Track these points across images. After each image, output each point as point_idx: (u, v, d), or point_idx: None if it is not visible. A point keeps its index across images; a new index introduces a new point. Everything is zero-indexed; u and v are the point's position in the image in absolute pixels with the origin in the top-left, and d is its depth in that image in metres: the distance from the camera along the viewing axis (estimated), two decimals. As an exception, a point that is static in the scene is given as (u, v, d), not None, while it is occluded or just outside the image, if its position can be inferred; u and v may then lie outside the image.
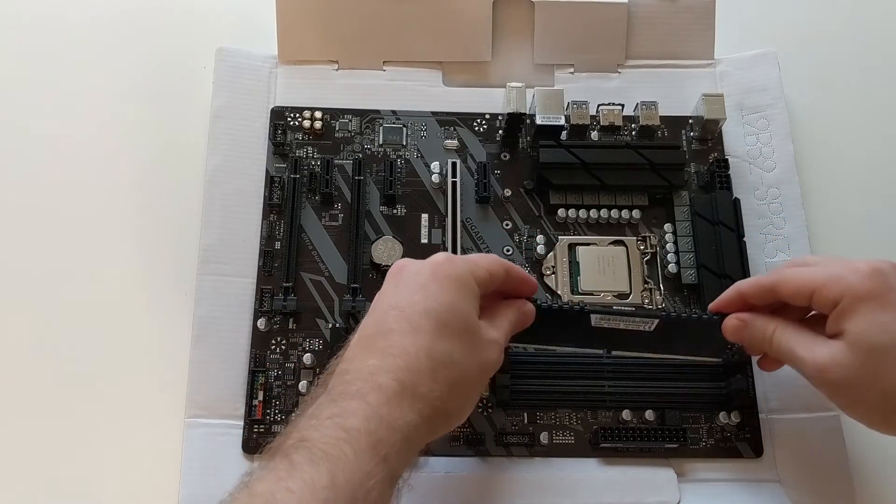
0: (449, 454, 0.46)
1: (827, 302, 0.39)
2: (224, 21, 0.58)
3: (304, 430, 0.34)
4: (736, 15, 0.59)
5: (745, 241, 0.50)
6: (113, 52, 0.56)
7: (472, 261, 0.40)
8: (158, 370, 0.48)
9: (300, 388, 0.47)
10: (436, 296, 0.38)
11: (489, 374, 0.40)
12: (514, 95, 0.51)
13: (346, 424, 0.33)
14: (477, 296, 0.39)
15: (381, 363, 0.35)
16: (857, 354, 0.37)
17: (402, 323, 0.37)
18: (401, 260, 0.41)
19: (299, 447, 0.33)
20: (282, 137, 0.52)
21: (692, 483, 0.46)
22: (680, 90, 0.55)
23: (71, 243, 0.51)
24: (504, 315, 0.41)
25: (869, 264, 0.39)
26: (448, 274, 0.38)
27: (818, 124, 0.57)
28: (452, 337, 0.37)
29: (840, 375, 0.38)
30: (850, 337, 0.38)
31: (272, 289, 0.49)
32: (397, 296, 0.38)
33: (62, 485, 0.46)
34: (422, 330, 0.36)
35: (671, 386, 0.47)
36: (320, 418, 0.34)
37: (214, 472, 0.45)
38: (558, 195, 0.52)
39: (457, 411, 0.38)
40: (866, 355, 0.37)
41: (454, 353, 0.37)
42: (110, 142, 0.54)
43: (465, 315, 0.38)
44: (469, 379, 0.38)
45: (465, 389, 0.38)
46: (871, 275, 0.38)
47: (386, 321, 0.37)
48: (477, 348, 0.38)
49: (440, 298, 0.37)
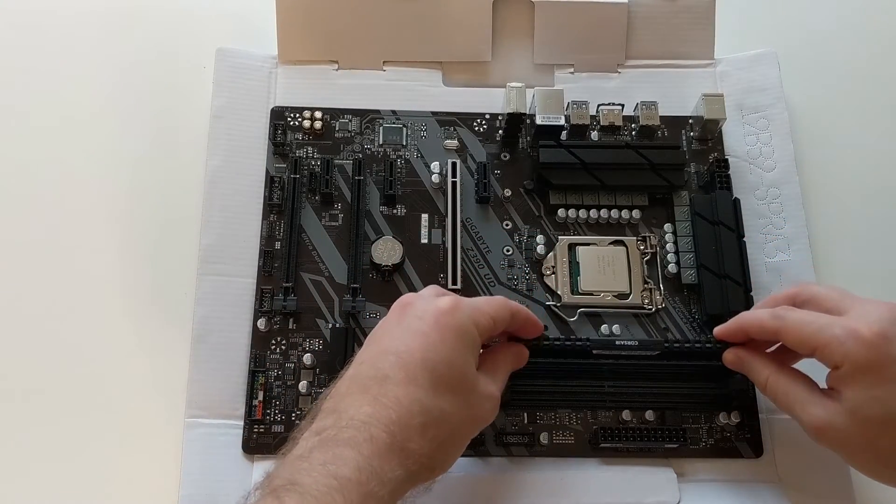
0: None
1: (828, 362, 0.39)
2: (224, 21, 0.58)
3: (294, 472, 0.33)
4: (736, 15, 0.59)
5: (744, 241, 0.50)
6: (113, 52, 0.56)
7: (476, 308, 0.40)
8: (158, 370, 0.48)
9: (300, 388, 0.47)
10: (435, 346, 0.37)
11: (480, 428, 0.40)
12: (514, 95, 0.51)
13: (338, 473, 0.33)
14: (478, 346, 0.39)
15: (373, 412, 0.35)
16: (852, 423, 0.38)
17: (399, 371, 0.36)
18: (408, 295, 0.41)
19: (291, 490, 0.32)
20: (282, 137, 0.52)
21: (692, 483, 0.46)
22: (680, 90, 0.55)
23: (71, 243, 0.51)
24: (502, 364, 0.42)
25: (872, 330, 0.38)
26: (450, 324, 0.38)
27: (818, 124, 0.57)
28: (447, 392, 0.37)
29: (834, 438, 0.39)
30: (846, 404, 0.38)
31: (272, 289, 0.49)
32: (398, 340, 0.38)
33: (62, 485, 0.46)
34: (417, 382, 0.36)
35: (671, 386, 0.47)
36: (312, 462, 0.34)
37: (214, 472, 0.45)
38: (558, 195, 0.52)
39: (441, 464, 0.38)
40: (861, 425, 0.38)
41: (447, 408, 0.37)
42: (110, 142, 0.54)
43: (461, 369, 0.38)
44: (459, 435, 0.38)
45: (453, 444, 0.38)
46: (872, 345, 0.37)
47: (383, 365, 0.37)
48: (470, 403, 0.38)
49: (439, 350, 0.37)
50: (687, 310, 0.50)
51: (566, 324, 0.49)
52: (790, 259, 0.51)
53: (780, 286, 0.50)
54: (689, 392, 0.47)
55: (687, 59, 0.56)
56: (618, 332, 0.49)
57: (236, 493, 0.44)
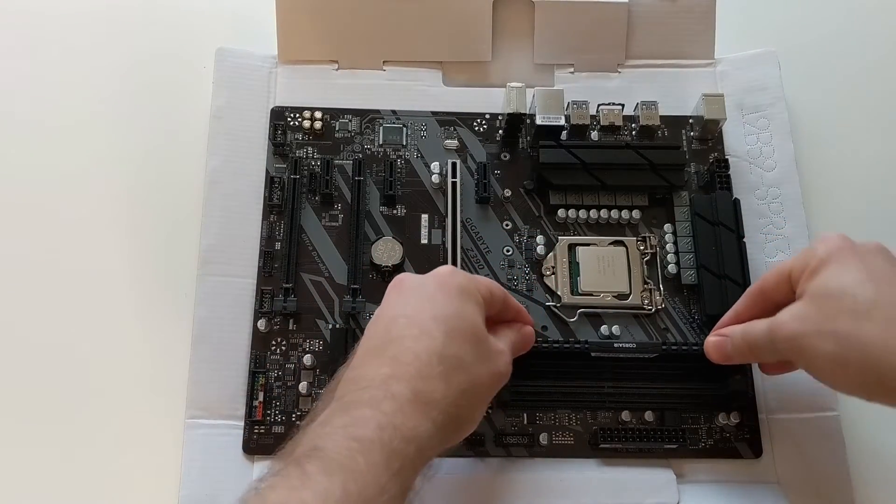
0: (448, 455, 0.45)
1: (802, 276, 0.39)
2: (224, 21, 0.58)
3: (316, 438, 0.33)
4: (736, 15, 0.58)
5: (744, 241, 0.50)
6: (113, 52, 0.56)
7: (474, 277, 0.41)
8: (158, 370, 0.48)
9: (300, 388, 0.47)
10: (443, 305, 0.38)
11: (499, 384, 0.40)
12: (514, 95, 0.51)
13: (359, 434, 0.33)
14: (482, 307, 0.39)
15: (392, 371, 0.35)
16: (811, 303, 0.38)
17: (412, 329, 0.37)
18: (402, 274, 0.41)
19: (312, 456, 0.32)
20: (282, 137, 0.52)
21: (691, 483, 0.46)
22: (680, 90, 0.55)
23: (70, 243, 0.51)
24: (506, 334, 0.42)
25: (838, 234, 0.40)
26: (453, 283, 0.39)
27: (818, 124, 0.57)
28: (463, 342, 0.37)
29: (794, 328, 0.38)
30: (808, 293, 0.38)
31: (272, 289, 0.49)
32: (403, 305, 0.38)
33: (63, 485, 0.46)
34: (432, 334, 0.36)
35: (670, 387, 0.47)
36: (333, 426, 0.34)
37: (214, 473, 0.45)
38: (558, 195, 0.52)
39: (467, 418, 0.38)
40: (819, 301, 0.38)
41: (465, 357, 0.37)
42: (110, 142, 0.54)
43: (473, 322, 0.38)
44: (479, 385, 0.38)
45: (475, 395, 0.38)
46: (836, 239, 0.39)
47: (395, 328, 0.37)
48: (486, 356, 0.38)
49: (448, 306, 0.38)
50: (687, 310, 0.50)
51: (566, 324, 0.49)
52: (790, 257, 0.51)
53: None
54: (688, 392, 0.47)
55: (687, 58, 0.56)
56: (617, 332, 0.49)
57: (236, 494, 0.44)
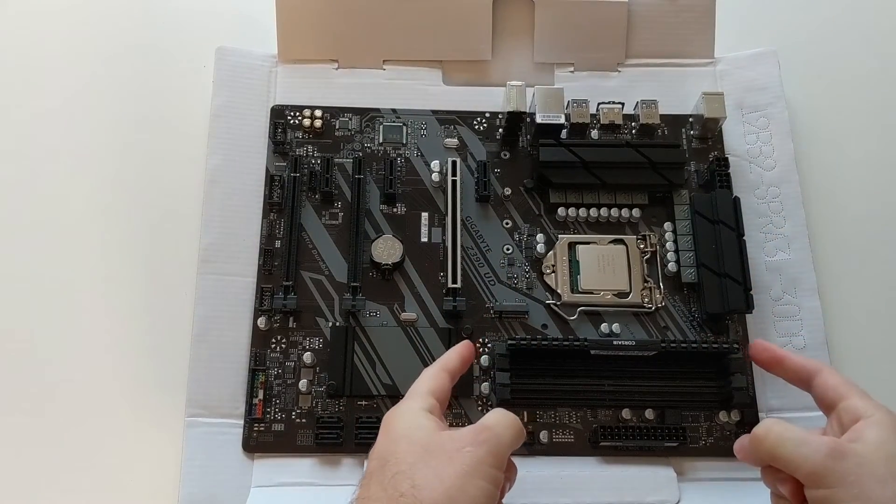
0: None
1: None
2: (224, 21, 0.58)
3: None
4: (736, 14, 0.59)
5: (744, 239, 0.49)
6: (113, 52, 0.56)
7: (418, 395, 0.39)
8: (158, 370, 0.48)
9: (300, 386, 0.47)
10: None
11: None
12: (514, 94, 0.51)
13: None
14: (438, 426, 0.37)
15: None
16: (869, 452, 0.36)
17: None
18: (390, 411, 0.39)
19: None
20: (282, 136, 0.52)
21: (692, 482, 0.46)
22: (680, 89, 0.55)
23: (70, 243, 0.51)
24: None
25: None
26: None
27: (818, 123, 0.57)
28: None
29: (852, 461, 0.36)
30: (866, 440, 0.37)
31: (272, 287, 0.49)
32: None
33: (63, 484, 0.46)
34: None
35: (671, 385, 0.47)
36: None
37: (214, 471, 0.45)
38: (558, 194, 0.52)
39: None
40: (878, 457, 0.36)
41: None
42: (110, 141, 0.54)
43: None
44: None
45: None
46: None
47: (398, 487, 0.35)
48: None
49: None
50: (687, 308, 0.50)
51: (566, 322, 0.49)
52: (790, 258, 0.51)
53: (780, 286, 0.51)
54: (688, 391, 0.47)
55: (687, 57, 0.56)
56: (617, 330, 0.49)
57: (236, 492, 0.45)
